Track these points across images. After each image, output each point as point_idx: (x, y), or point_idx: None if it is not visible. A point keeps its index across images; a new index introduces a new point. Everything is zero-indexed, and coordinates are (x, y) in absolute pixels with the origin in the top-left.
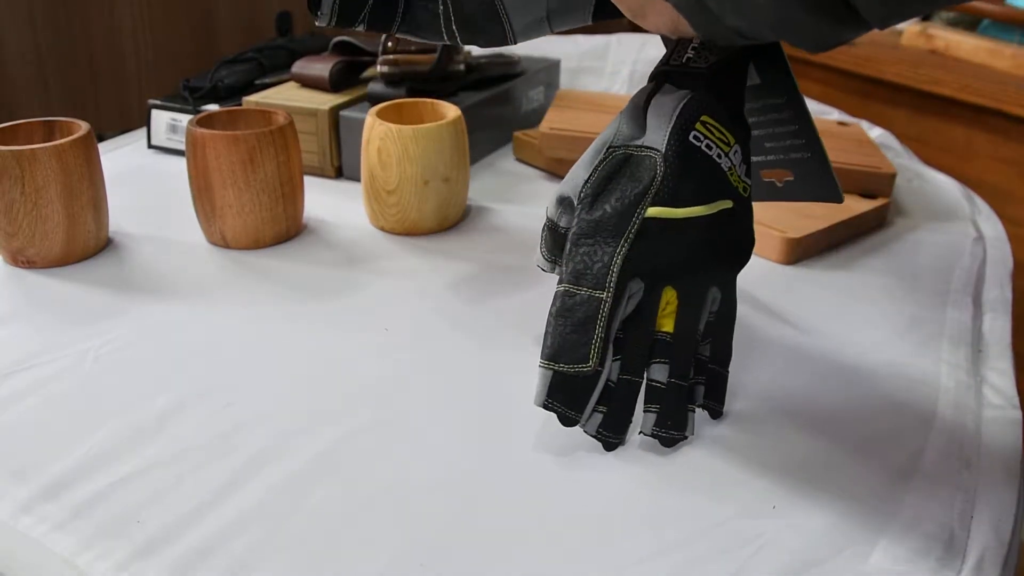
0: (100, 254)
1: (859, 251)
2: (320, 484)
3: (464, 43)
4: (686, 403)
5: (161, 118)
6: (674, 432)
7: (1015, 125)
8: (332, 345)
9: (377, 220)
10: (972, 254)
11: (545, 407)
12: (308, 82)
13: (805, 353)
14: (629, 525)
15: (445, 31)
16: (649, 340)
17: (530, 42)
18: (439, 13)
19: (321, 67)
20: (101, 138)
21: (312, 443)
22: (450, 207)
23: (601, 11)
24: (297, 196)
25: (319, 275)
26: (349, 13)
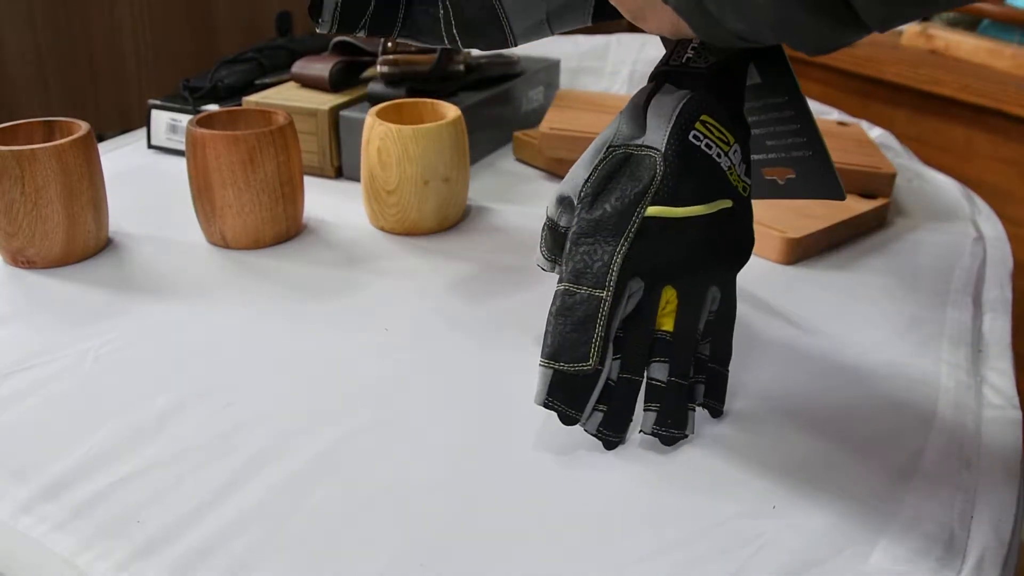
0: (100, 254)
1: (859, 251)
2: (320, 484)
3: (464, 47)
4: (686, 402)
5: (161, 118)
6: (674, 431)
7: (1015, 125)
8: (332, 345)
9: (377, 220)
10: (972, 254)
11: (545, 406)
12: (308, 82)
13: (805, 353)
14: (629, 524)
15: (446, 35)
16: (649, 339)
17: (530, 42)
18: (439, 17)
19: (321, 67)
20: (101, 138)
21: (312, 443)
22: (450, 207)
23: (601, 12)
24: (297, 196)
25: (319, 275)
26: (350, 19)
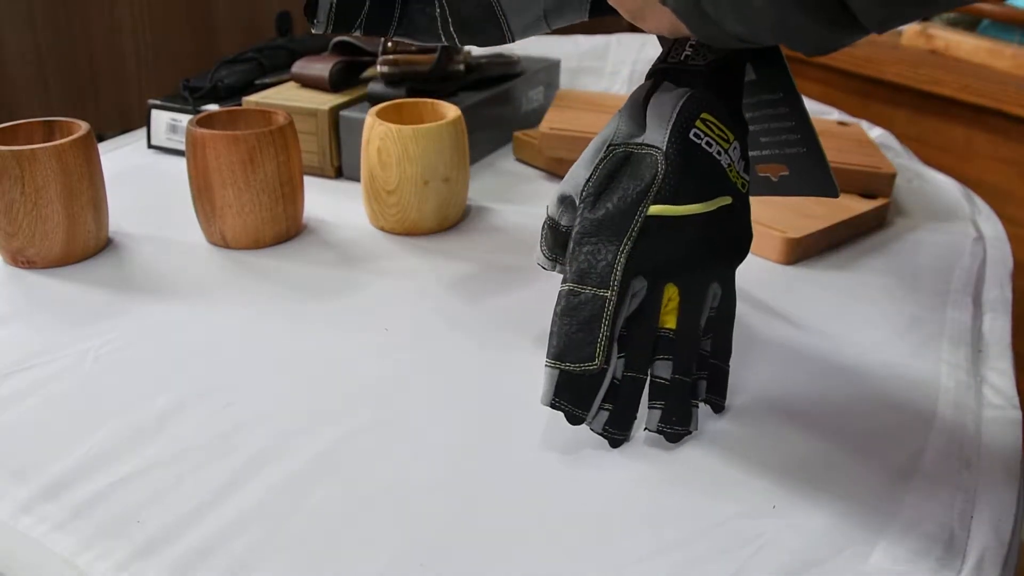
0: (100, 254)
1: (859, 251)
2: (320, 484)
3: (462, 44)
4: (690, 399)
5: (161, 118)
6: (679, 428)
7: (1015, 125)
8: (332, 345)
9: (377, 220)
10: (972, 254)
11: (552, 406)
12: (308, 82)
13: (805, 353)
14: (629, 524)
15: (443, 33)
16: (652, 337)
17: (530, 42)
18: (436, 16)
19: (321, 67)
20: (101, 138)
21: (312, 443)
22: (450, 207)
23: (598, 8)
24: (297, 196)
25: (319, 275)
26: (345, 19)
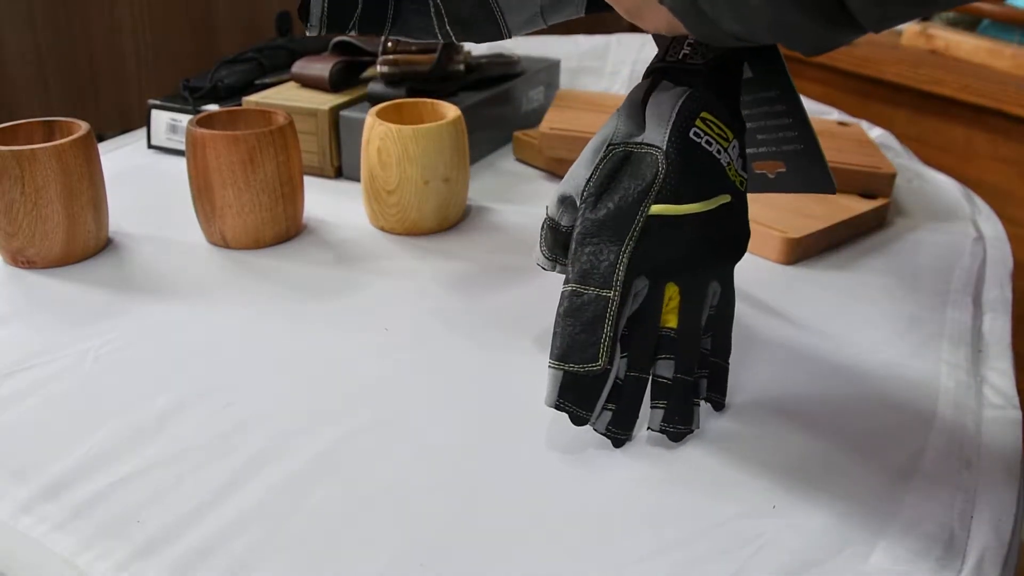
0: (100, 254)
1: (859, 251)
2: (320, 484)
3: (459, 41)
4: (692, 398)
5: (161, 118)
6: (681, 427)
7: (1015, 125)
8: (332, 345)
9: (377, 220)
10: (972, 254)
11: (556, 407)
12: (308, 82)
13: (805, 353)
14: (629, 524)
15: (439, 31)
16: (654, 337)
17: (530, 42)
18: (431, 13)
19: (321, 67)
20: (101, 138)
21: (312, 443)
22: (450, 207)
23: (594, 5)
24: (297, 196)
25: (319, 275)
26: (339, 20)
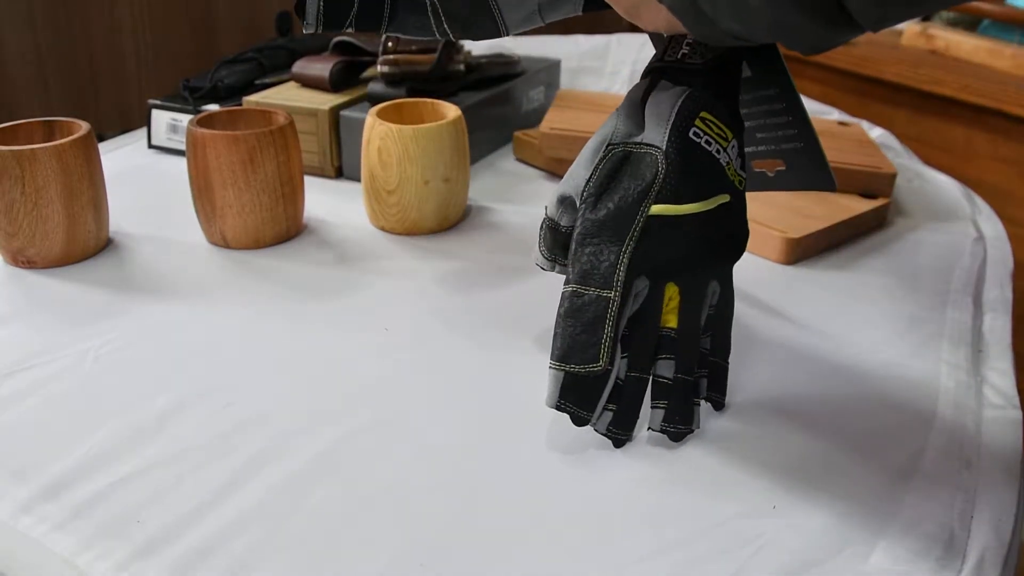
0: (100, 254)
1: (859, 251)
2: (320, 484)
3: (456, 38)
4: (692, 397)
5: (161, 118)
6: (682, 427)
7: (1015, 125)
8: (332, 345)
9: (377, 220)
10: (972, 254)
11: (558, 408)
12: (308, 82)
13: (805, 353)
14: (629, 524)
15: (436, 29)
16: (655, 337)
17: (530, 42)
18: (428, 11)
19: (321, 67)
20: (101, 138)
21: (312, 443)
22: (450, 207)
23: (592, 2)
24: (297, 196)
25: (319, 275)
26: (335, 17)
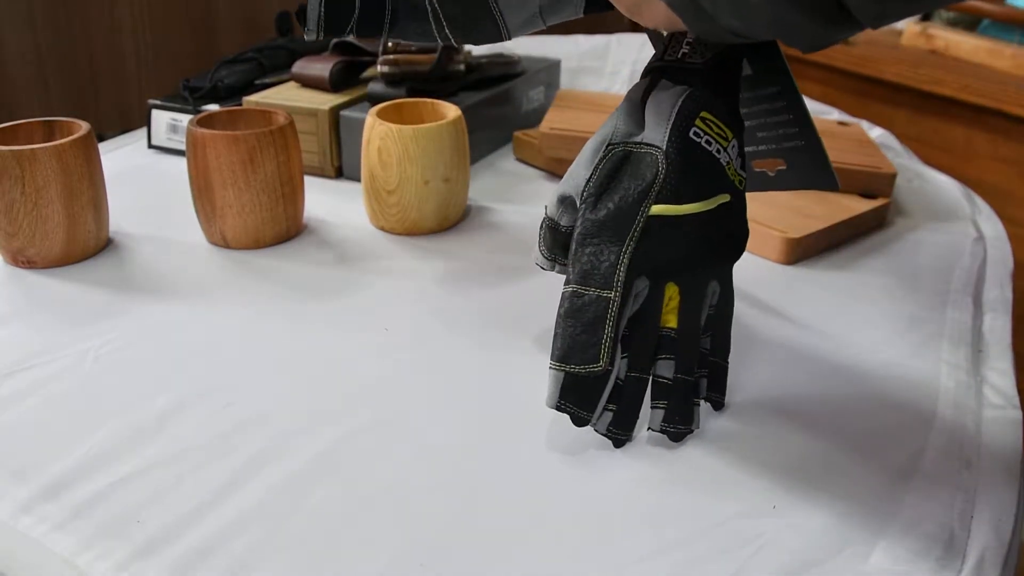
0: (100, 254)
1: (859, 251)
2: (320, 484)
3: (458, 43)
4: (692, 397)
5: (161, 118)
6: (681, 427)
7: (1015, 125)
8: (332, 345)
9: (377, 220)
10: (972, 254)
11: (558, 408)
12: (308, 82)
13: (805, 353)
14: (629, 524)
15: (438, 33)
16: (655, 337)
17: (530, 42)
18: (429, 15)
19: (321, 67)
20: (101, 138)
21: (312, 443)
22: (450, 207)
23: (593, 4)
24: (297, 196)
25: (319, 275)
26: (336, 23)
